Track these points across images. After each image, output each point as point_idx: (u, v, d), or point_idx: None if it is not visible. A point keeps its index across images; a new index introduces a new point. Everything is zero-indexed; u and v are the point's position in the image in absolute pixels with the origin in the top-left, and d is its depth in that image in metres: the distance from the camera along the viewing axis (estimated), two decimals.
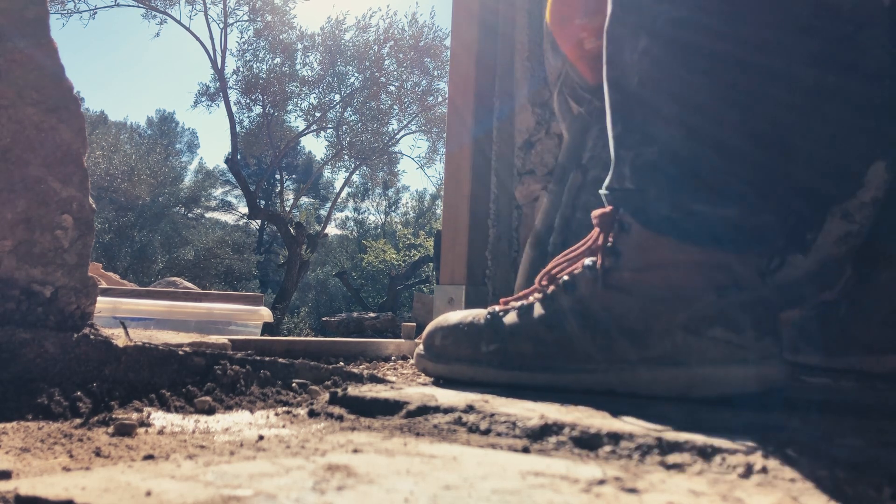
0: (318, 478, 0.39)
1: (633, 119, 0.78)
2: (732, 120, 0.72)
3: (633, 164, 0.77)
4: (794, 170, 0.73)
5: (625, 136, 0.78)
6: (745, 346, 0.70)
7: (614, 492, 0.38)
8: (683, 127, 0.74)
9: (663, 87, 0.75)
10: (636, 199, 0.77)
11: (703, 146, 0.73)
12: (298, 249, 11.06)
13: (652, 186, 0.76)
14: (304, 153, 22.86)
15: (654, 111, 0.76)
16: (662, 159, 0.75)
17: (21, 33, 0.79)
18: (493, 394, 0.73)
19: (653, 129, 0.76)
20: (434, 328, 0.91)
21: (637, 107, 0.77)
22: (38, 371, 0.69)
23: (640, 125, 0.77)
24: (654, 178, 0.76)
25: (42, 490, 0.35)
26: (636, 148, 0.77)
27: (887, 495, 0.38)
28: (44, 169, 0.79)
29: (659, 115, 0.75)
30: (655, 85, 0.76)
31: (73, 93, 0.82)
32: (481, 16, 1.93)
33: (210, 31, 11.76)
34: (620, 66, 0.79)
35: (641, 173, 0.77)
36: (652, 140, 0.75)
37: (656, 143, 0.75)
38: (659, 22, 0.75)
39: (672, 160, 0.74)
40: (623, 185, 0.78)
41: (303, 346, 1.26)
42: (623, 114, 0.79)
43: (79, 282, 0.80)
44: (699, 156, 0.73)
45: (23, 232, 0.77)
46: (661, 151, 0.75)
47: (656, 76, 0.75)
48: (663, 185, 0.75)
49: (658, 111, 0.75)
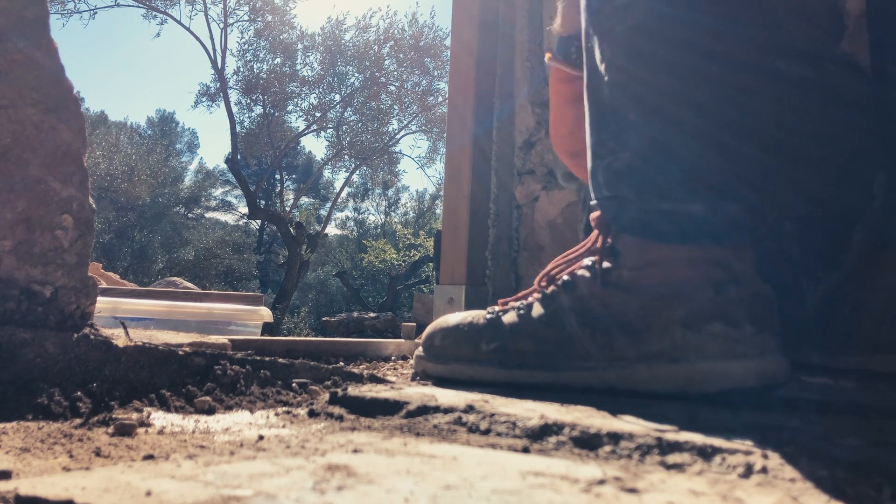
0: (318, 478, 0.39)
1: (607, 128, 0.80)
2: (690, 118, 0.74)
3: (606, 171, 0.80)
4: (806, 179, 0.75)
5: (598, 147, 0.81)
6: (744, 342, 0.70)
7: (614, 492, 0.38)
8: (648, 130, 0.76)
9: (628, 92, 0.78)
10: (612, 205, 0.80)
11: (665, 147, 0.76)
12: (298, 249, 11.06)
13: (624, 191, 0.78)
14: (304, 153, 22.89)
15: (623, 118, 0.78)
16: (632, 163, 0.77)
17: (21, 33, 0.79)
18: (493, 394, 0.73)
19: (624, 135, 0.78)
20: (434, 329, 0.92)
21: (610, 116, 0.80)
22: (38, 371, 0.69)
23: (613, 133, 0.79)
24: (625, 183, 0.78)
25: (42, 490, 0.35)
26: (609, 156, 0.79)
27: (887, 495, 0.38)
28: (44, 169, 0.79)
29: (627, 121, 0.78)
30: (622, 92, 0.78)
31: (73, 93, 0.82)
32: (481, 16, 1.93)
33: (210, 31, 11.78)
34: (595, 78, 0.82)
35: (614, 180, 0.79)
36: (624, 146, 0.78)
37: (628, 149, 0.77)
38: (617, 31, 0.78)
39: (639, 163, 0.77)
40: (601, 193, 0.81)
41: (303, 346, 1.26)
42: (598, 125, 0.82)
43: (79, 282, 0.80)
44: (663, 156, 0.76)
45: (23, 232, 0.77)
46: (631, 156, 0.77)
47: (621, 83, 0.78)
48: (633, 188, 0.77)
49: (625, 118, 0.78)
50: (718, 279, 0.73)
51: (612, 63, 0.78)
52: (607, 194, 0.80)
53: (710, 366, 0.70)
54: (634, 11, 0.76)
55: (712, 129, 0.74)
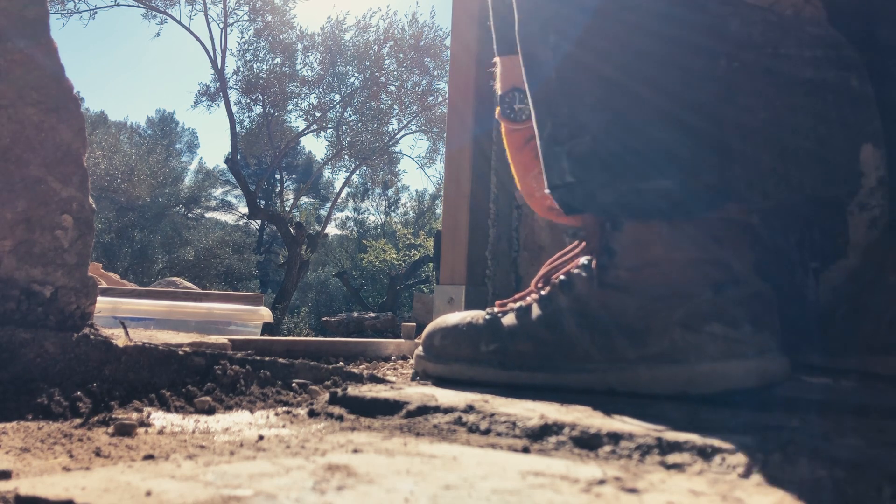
0: (318, 478, 0.39)
1: (560, 113, 0.79)
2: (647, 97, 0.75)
3: (570, 156, 0.78)
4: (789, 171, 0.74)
5: (556, 132, 0.80)
6: (743, 341, 0.70)
7: (614, 492, 0.38)
8: (607, 111, 0.76)
9: (580, 78, 0.77)
10: (580, 190, 0.79)
11: (626, 126, 0.75)
12: (298, 249, 11.06)
13: (594, 174, 0.77)
14: (304, 153, 22.87)
15: (578, 101, 0.77)
16: (596, 146, 0.76)
17: (21, 33, 0.79)
18: (493, 394, 0.73)
19: (581, 118, 0.77)
20: (433, 329, 0.92)
21: (561, 100, 0.79)
22: (38, 371, 0.69)
23: (568, 117, 0.78)
24: (594, 166, 0.77)
25: (42, 490, 0.35)
26: (569, 141, 0.78)
27: (887, 495, 0.38)
28: (44, 169, 0.79)
29: (583, 104, 0.77)
30: (573, 76, 0.78)
31: (73, 93, 0.82)
32: (481, 16, 1.93)
33: (210, 31, 11.77)
34: (537, 65, 0.81)
35: (580, 164, 0.77)
36: (582, 130, 0.77)
37: (587, 132, 0.77)
38: (558, 20, 0.78)
39: (603, 144, 0.76)
40: (564, 179, 0.79)
41: (303, 346, 1.26)
42: (549, 111, 0.81)
43: (79, 282, 0.80)
44: (624, 135, 0.75)
45: (23, 232, 0.77)
46: (592, 139, 0.76)
47: (571, 68, 0.78)
48: (604, 170, 0.77)
49: (581, 100, 0.77)
50: (717, 279, 0.73)
51: (557, 48, 0.78)
52: (572, 180, 0.79)
53: (709, 366, 0.70)
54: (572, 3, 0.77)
55: (669, 107, 0.74)
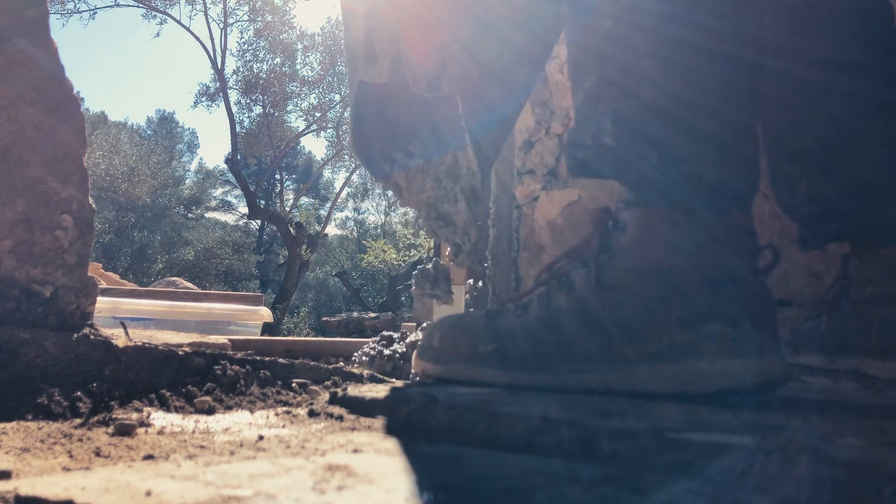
0: (318, 478, 0.39)
1: (610, 69, 0.75)
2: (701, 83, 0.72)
3: (616, 118, 0.73)
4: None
5: (601, 89, 0.75)
6: (743, 340, 0.70)
7: (614, 492, 0.38)
8: (670, 78, 0.72)
9: (643, 37, 0.73)
10: (612, 157, 0.74)
11: (683, 104, 0.72)
12: (298, 249, 11.06)
13: (637, 144, 0.73)
14: (304, 153, 22.89)
15: (636, 60, 0.74)
16: (648, 115, 0.73)
17: (21, 33, 0.79)
18: (493, 394, 0.73)
19: (630, 83, 0.73)
20: (432, 329, 0.91)
21: (614, 53, 0.75)
22: (38, 371, 0.69)
23: (620, 75, 0.74)
24: (639, 135, 0.73)
25: (42, 490, 0.35)
26: (618, 101, 0.74)
27: (887, 495, 0.38)
28: (44, 169, 0.79)
29: (641, 65, 0.73)
30: (632, 33, 0.74)
31: (73, 93, 0.82)
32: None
33: (210, 31, 11.78)
34: (588, 4, 0.77)
35: (625, 129, 0.73)
36: (630, 95, 0.73)
37: (639, 97, 0.73)
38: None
39: (658, 115, 0.72)
40: (601, 140, 0.75)
41: (303, 346, 1.26)
42: (596, 63, 0.76)
43: (79, 282, 0.80)
44: (679, 114, 0.72)
45: (23, 232, 0.77)
46: (646, 106, 0.72)
47: (639, 24, 0.74)
48: (647, 143, 0.73)
49: (640, 60, 0.73)
50: (716, 278, 0.73)
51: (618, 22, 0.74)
52: (611, 143, 0.74)
53: (709, 365, 0.70)
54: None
55: (737, 96, 0.72)
